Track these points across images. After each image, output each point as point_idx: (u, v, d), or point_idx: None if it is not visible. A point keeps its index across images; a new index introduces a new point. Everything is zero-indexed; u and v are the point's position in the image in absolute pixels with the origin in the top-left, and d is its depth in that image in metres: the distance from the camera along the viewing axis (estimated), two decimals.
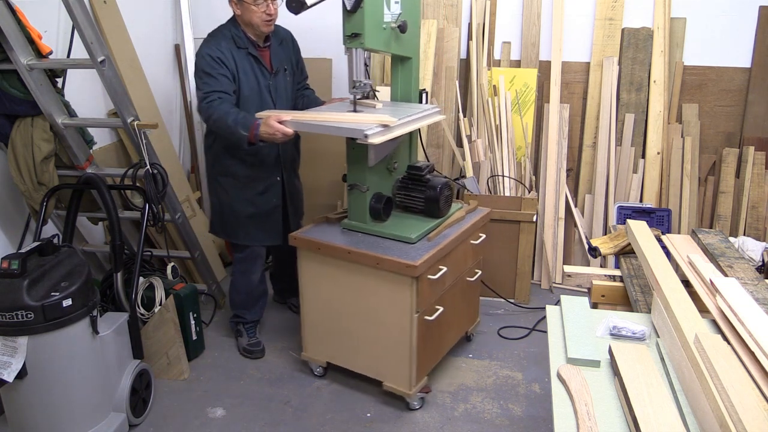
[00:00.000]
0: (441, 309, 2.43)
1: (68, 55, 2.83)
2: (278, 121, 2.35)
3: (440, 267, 2.39)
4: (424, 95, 2.69)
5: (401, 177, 2.63)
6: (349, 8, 2.22)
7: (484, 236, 2.78)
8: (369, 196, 2.46)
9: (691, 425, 1.13)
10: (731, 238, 3.09)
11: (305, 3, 2.28)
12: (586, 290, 2.01)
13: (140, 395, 2.47)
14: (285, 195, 2.86)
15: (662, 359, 1.36)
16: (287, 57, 2.79)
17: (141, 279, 2.66)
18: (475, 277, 2.81)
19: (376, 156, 2.42)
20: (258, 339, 2.99)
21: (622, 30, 3.56)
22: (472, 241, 2.69)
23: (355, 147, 2.37)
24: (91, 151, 2.74)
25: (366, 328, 2.48)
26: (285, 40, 2.80)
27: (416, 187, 2.56)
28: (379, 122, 2.22)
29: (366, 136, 2.14)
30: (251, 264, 2.89)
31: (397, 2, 2.41)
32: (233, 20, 2.64)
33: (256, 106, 2.63)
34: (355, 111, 2.45)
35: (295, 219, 2.97)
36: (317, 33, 3.39)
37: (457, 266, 2.57)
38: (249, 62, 2.62)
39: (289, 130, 2.35)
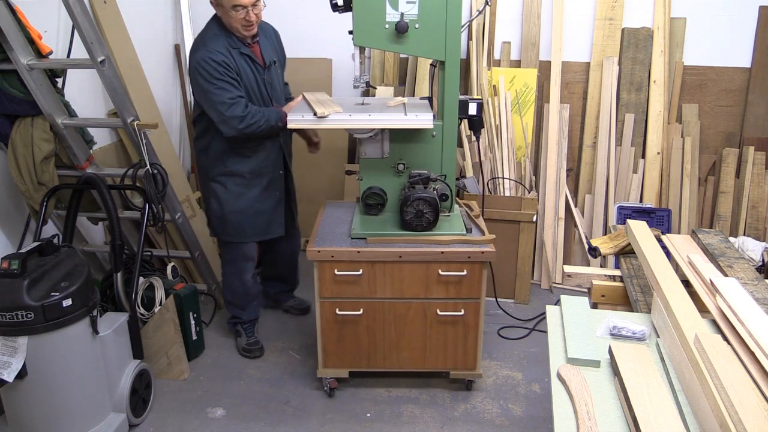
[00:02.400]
0: (360, 312, 2.46)
1: (68, 55, 2.82)
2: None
3: (356, 269, 2.41)
4: (473, 105, 2.53)
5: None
6: (332, 8, 2.38)
7: (464, 273, 2.41)
8: (363, 186, 2.54)
9: (691, 425, 1.13)
10: (731, 238, 3.09)
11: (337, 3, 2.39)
12: (586, 290, 2.01)
13: (140, 395, 2.47)
14: (287, 188, 2.90)
15: (662, 359, 1.36)
16: (274, 50, 2.79)
17: (141, 279, 2.66)
18: (449, 312, 2.47)
19: (368, 150, 2.51)
20: (256, 338, 2.99)
21: (622, 30, 3.56)
22: (441, 272, 2.41)
23: (356, 138, 2.54)
24: (91, 151, 2.73)
25: None
26: (268, 34, 2.79)
27: (403, 193, 2.56)
28: (318, 112, 2.34)
29: (280, 119, 2.55)
30: (243, 263, 2.88)
31: (411, 2, 2.28)
32: (219, 21, 2.60)
33: (257, 104, 2.66)
34: (362, 104, 2.58)
35: (294, 211, 3.03)
36: (317, 33, 3.40)
37: (398, 284, 2.45)
38: (245, 61, 2.63)
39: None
